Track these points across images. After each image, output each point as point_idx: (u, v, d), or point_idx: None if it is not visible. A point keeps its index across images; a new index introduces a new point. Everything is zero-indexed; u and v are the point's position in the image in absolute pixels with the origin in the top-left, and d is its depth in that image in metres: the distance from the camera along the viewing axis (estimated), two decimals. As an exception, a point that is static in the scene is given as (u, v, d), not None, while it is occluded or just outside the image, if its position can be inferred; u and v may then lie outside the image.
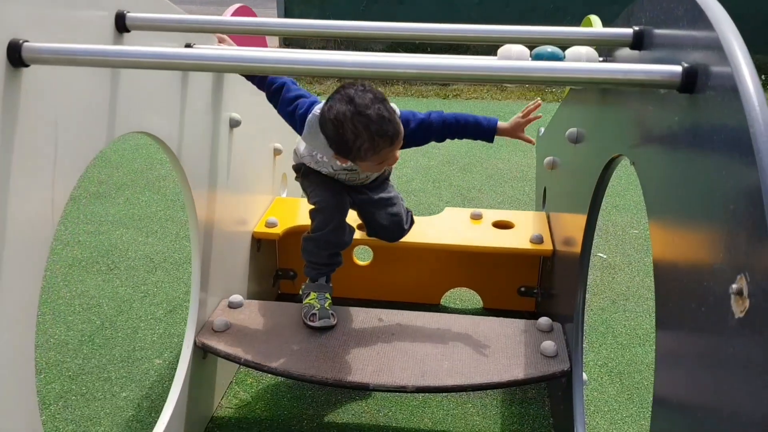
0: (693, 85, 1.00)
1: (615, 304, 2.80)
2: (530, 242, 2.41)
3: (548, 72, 1.05)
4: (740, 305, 0.78)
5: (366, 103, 1.71)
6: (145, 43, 1.49)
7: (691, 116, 1.02)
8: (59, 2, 1.23)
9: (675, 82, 1.00)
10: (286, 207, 2.70)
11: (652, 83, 1.02)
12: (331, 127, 1.75)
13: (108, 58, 1.15)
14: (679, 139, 1.05)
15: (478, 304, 2.77)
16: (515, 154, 4.69)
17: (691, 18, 1.09)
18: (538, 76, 1.05)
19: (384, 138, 1.73)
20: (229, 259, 2.27)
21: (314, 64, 1.18)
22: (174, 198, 3.84)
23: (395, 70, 1.12)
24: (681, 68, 1.01)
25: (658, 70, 1.01)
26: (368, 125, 1.71)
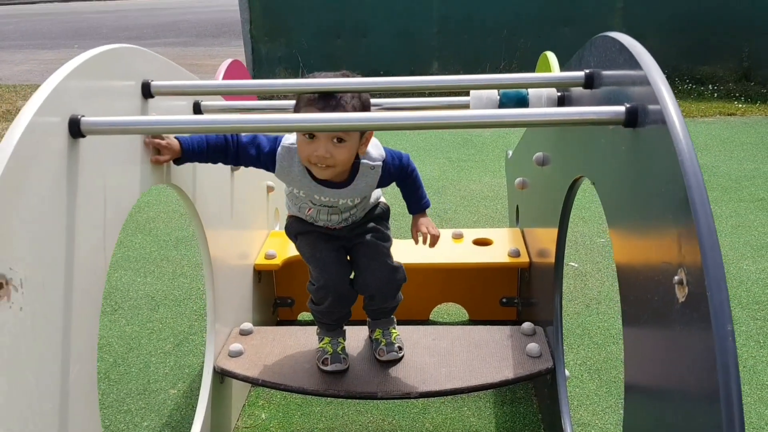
0: (635, 121, 1.25)
1: (589, 308, 3.06)
2: (509, 256, 2.65)
3: (518, 118, 1.29)
4: (681, 293, 1.02)
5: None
6: (165, 105, 1.71)
7: (635, 145, 1.27)
8: (102, 77, 1.45)
9: (620, 119, 1.25)
10: (281, 239, 2.90)
11: (602, 121, 1.27)
12: None
13: (149, 127, 1.37)
14: (627, 163, 1.31)
15: (464, 316, 3.00)
16: (485, 175, 4.97)
17: (629, 64, 1.35)
18: (511, 121, 1.29)
19: (319, 98, 1.65)
20: (237, 290, 2.46)
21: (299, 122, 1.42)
22: (165, 238, 4.01)
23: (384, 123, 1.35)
24: (624, 108, 1.26)
25: (606, 110, 1.26)
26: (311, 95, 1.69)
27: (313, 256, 2.04)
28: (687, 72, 7.80)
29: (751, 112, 6.64)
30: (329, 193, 1.92)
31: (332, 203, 1.96)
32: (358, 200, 1.98)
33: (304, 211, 2.04)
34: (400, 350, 2.12)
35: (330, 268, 2.01)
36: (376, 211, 2.10)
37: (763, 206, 4.19)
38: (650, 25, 7.82)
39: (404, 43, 8.07)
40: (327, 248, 2.04)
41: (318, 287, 2.04)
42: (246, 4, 8.10)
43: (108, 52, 1.48)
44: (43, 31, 15.76)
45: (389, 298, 2.13)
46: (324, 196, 1.93)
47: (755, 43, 7.68)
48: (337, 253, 2.04)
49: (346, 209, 2.00)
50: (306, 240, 2.08)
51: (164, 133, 1.50)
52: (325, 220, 2.03)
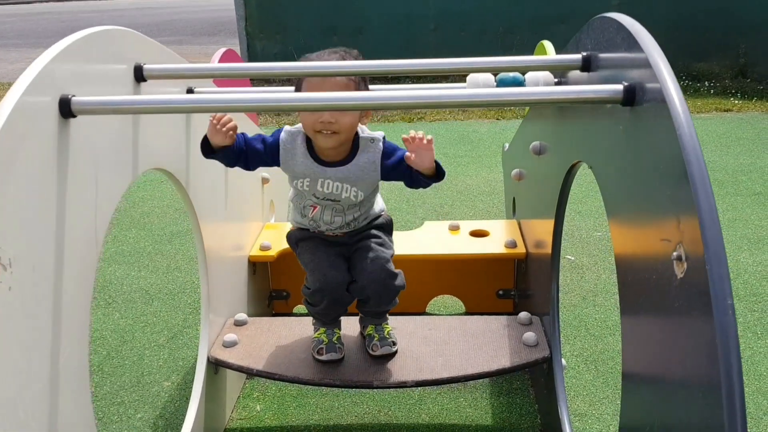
0: (633, 100, 1.23)
1: (585, 300, 3.04)
2: (505, 247, 2.64)
3: (515, 96, 1.28)
4: (680, 268, 1.00)
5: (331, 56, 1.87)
6: (157, 90, 1.69)
7: (633, 124, 1.25)
8: (93, 59, 1.43)
9: (618, 98, 1.24)
10: (276, 231, 2.89)
11: (599, 100, 1.26)
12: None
13: (141, 106, 1.35)
14: (626, 144, 1.29)
15: (461, 309, 2.98)
16: (482, 170, 4.96)
17: (627, 44, 1.33)
18: (508, 100, 1.28)
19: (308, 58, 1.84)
20: (231, 282, 2.44)
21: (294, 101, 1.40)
22: (159, 233, 3.99)
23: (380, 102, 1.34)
24: (622, 86, 1.24)
25: (604, 89, 1.25)
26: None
27: (312, 261, 2.02)
28: (683, 69, 7.80)
29: (747, 108, 6.64)
30: (332, 174, 1.90)
31: (335, 196, 1.94)
32: (361, 195, 1.95)
33: (308, 213, 2.01)
34: (394, 345, 2.09)
35: (326, 271, 1.99)
36: (378, 221, 2.08)
37: (759, 200, 4.19)
38: (646, 22, 7.52)
39: (401, 40, 8.06)
40: (327, 252, 2.03)
41: (313, 290, 2.01)
42: (241, 1, 8.08)
43: (100, 33, 1.46)
44: (38, 30, 15.71)
45: (384, 303, 2.08)
46: (327, 180, 1.91)
47: (751, 40, 7.69)
48: (335, 257, 2.02)
49: (349, 207, 1.98)
50: (306, 245, 2.07)
51: (156, 112, 1.47)
52: (329, 223, 2.01)
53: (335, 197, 1.95)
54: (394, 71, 1.61)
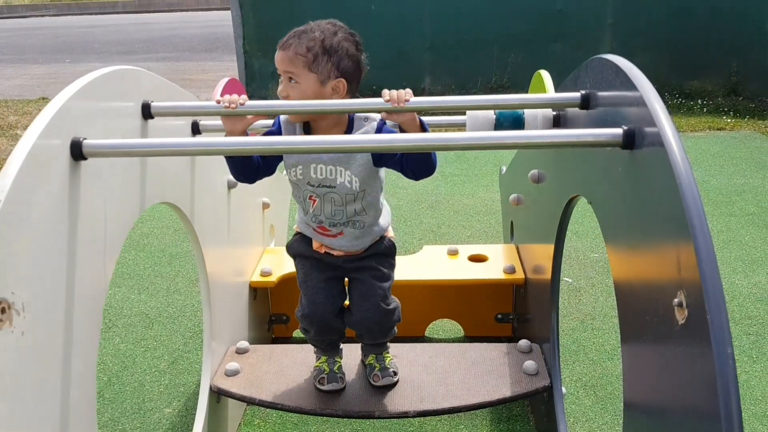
0: (632, 143, 1.27)
1: (583, 324, 3.07)
2: (504, 273, 2.66)
3: (516, 140, 1.31)
4: (681, 315, 1.03)
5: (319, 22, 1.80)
6: (165, 126, 1.72)
7: (633, 167, 1.29)
8: (104, 99, 1.46)
9: (618, 141, 1.27)
10: (276, 256, 2.91)
11: (599, 143, 1.29)
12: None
13: (151, 149, 1.38)
14: (625, 184, 1.32)
15: (460, 333, 3.00)
16: (479, 189, 4.99)
17: (625, 87, 1.37)
18: (509, 143, 1.31)
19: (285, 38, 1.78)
20: (233, 308, 2.46)
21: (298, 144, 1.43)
22: (159, 254, 4.00)
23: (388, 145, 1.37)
24: (621, 130, 1.28)
25: (604, 133, 1.28)
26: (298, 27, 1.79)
27: (304, 283, 2.04)
28: (676, 87, 7.88)
29: (740, 127, 6.71)
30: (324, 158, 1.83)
31: (330, 181, 1.86)
32: (357, 182, 1.85)
33: (309, 208, 1.93)
34: (395, 375, 2.11)
35: (316, 299, 2.00)
36: (380, 247, 2.03)
37: (753, 221, 4.23)
38: (640, 40, 7.90)
39: (396, 58, 8.12)
40: (319, 278, 2.02)
41: (303, 315, 2.03)
42: (239, 20, 8.14)
43: (110, 73, 1.49)
44: (35, 45, 15.74)
45: (380, 337, 2.10)
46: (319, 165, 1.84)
47: (743, 59, 7.78)
48: (327, 284, 2.02)
49: (348, 199, 1.88)
50: (301, 264, 2.07)
51: (165, 155, 1.50)
52: (330, 217, 1.91)
53: (330, 183, 1.86)
54: (393, 109, 1.63)
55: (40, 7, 26.37)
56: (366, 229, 1.98)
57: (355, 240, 1.99)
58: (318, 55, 1.74)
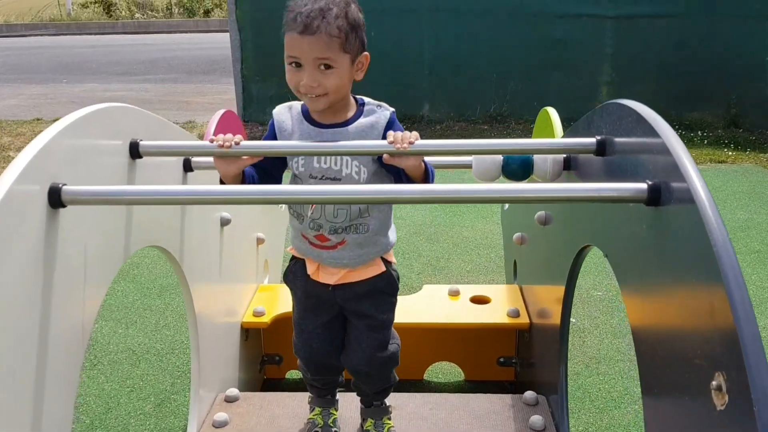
0: (658, 200, 1.17)
1: (588, 368, 2.95)
2: (508, 316, 2.55)
3: (532, 193, 1.21)
4: (720, 399, 0.92)
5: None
6: (154, 164, 1.62)
7: (658, 224, 1.19)
8: (88, 138, 1.36)
9: (642, 197, 1.18)
10: (270, 294, 2.79)
11: (622, 199, 1.19)
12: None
13: (136, 197, 1.27)
14: (649, 241, 1.22)
15: (460, 376, 2.88)
16: (478, 221, 4.90)
17: (648, 136, 1.27)
18: (526, 197, 1.21)
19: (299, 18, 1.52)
20: (223, 351, 2.34)
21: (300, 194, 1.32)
22: (149, 286, 3.88)
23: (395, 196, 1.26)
24: (646, 185, 1.18)
25: (626, 188, 1.18)
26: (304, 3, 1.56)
27: (299, 325, 1.92)
28: (676, 118, 7.84)
29: (741, 160, 6.66)
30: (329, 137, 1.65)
31: (335, 173, 1.67)
32: (365, 174, 1.67)
33: (307, 212, 1.73)
34: None
35: (312, 344, 1.90)
36: (380, 283, 1.84)
37: (759, 258, 4.14)
38: (639, 71, 7.89)
39: (395, 84, 8.07)
40: (315, 324, 1.90)
41: (298, 353, 1.95)
42: (238, 44, 8.09)
43: (97, 112, 1.39)
44: (32, 64, 15.69)
45: (377, 383, 1.98)
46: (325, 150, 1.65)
47: (743, 90, 7.76)
48: (323, 329, 1.90)
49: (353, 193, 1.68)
50: (297, 302, 1.93)
51: (151, 204, 1.39)
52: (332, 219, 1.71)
53: (335, 174, 1.67)
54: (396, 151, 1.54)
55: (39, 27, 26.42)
56: (370, 236, 1.76)
57: (358, 249, 1.76)
58: (348, 32, 1.55)
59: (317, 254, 1.78)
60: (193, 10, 29.00)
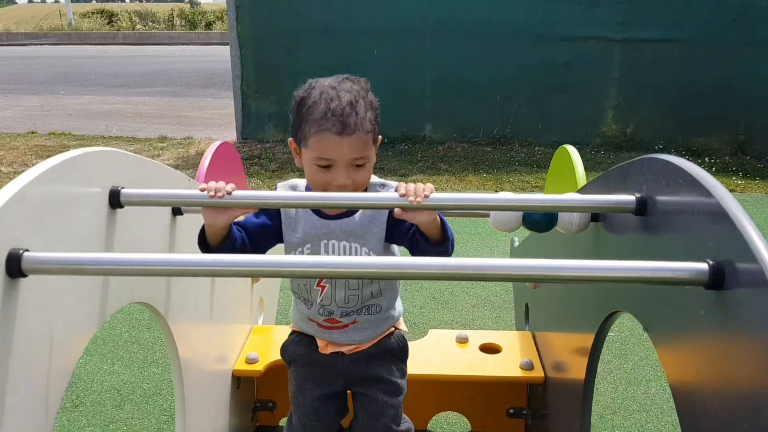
0: (721, 282, 1.00)
1: (603, 419, 2.77)
2: (521, 369, 2.37)
3: (573, 272, 1.04)
4: None
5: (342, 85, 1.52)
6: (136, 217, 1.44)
7: (720, 311, 1.01)
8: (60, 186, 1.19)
9: (702, 279, 1.00)
10: (264, 338, 2.61)
11: (678, 281, 1.02)
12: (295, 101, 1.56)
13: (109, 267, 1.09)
14: (707, 329, 1.05)
15: (466, 427, 2.69)
16: (483, 250, 4.73)
17: (702, 201, 1.10)
18: (562, 276, 1.04)
19: (333, 117, 1.43)
20: (211, 401, 2.16)
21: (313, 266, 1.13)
22: (138, 317, 3.69)
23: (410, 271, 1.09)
24: (707, 265, 1.01)
25: (683, 268, 1.01)
26: (329, 98, 1.48)
27: (296, 399, 1.73)
28: (683, 144, 7.71)
29: (750, 189, 6.51)
30: (337, 228, 1.58)
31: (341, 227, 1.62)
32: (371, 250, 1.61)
33: (315, 298, 1.65)
34: None
35: (308, 422, 1.69)
36: (390, 344, 1.74)
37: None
38: (646, 96, 7.76)
39: (397, 104, 7.93)
40: (314, 396, 1.72)
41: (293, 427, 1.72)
42: (238, 60, 7.95)
43: (70, 161, 1.22)
44: (30, 75, 15.57)
45: None
46: (331, 241, 1.59)
47: (751, 117, 7.63)
48: (323, 403, 1.71)
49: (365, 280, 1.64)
50: (297, 373, 1.76)
51: (130, 275, 1.20)
52: (343, 305, 1.65)
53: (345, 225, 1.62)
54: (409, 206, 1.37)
55: (39, 36, 26.37)
56: (382, 314, 1.71)
57: (371, 328, 1.71)
58: (375, 124, 1.53)
59: (328, 335, 1.71)
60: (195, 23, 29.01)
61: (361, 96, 1.51)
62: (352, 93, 1.50)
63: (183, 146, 7.91)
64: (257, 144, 8.00)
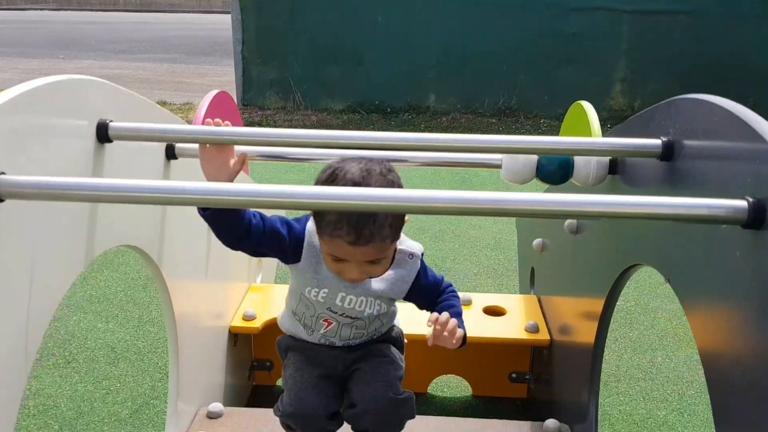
0: (761, 221, 0.91)
1: (607, 386, 2.71)
2: (526, 331, 2.30)
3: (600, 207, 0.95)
4: None
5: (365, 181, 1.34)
6: (128, 151, 1.35)
7: (758, 252, 0.93)
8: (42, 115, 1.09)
9: (740, 218, 0.92)
10: (263, 295, 2.54)
11: (713, 219, 0.93)
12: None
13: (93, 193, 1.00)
14: (742, 273, 0.97)
15: (467, 391, 2.64)
16: (487, 220, 4.63)
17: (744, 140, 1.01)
18: (589, 211, 0.96)
19: (347, 227, 1.31)
20: (207, 358, 2.09)
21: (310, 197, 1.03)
22: (135, 276, 3.62)
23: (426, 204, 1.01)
24: (747, 203, 0.92)
25: (722, 204, 0.93)
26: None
27: (292, 378, 1.61)
28: (690, 119, 7.59)
29: (758, 165, 6.41)
30: (357, 288, 1.52)
31: (356, 313, 1.57)
32: (384, 309, 1.59)
33: (319, 328, 1.61)
34: None
35: (303, 395, 1.57)
36: (388, 333, 1.70)
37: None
38: (654, 68, 7.62)
39: (401, 73, 7.79)
40: (311, 374, 1.61)
41: (284, 414, 1.60)
42: (239, 25, 7.79)
43: (55, 85, 1.13)
44: (30, 39, 15.36)
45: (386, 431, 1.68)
46: (349, 296, 1.53)
47: (761, 91, 7.49)
48: (320, 381, 1.61)
49: (370, 321, 1.60)
50: (293, 358, 1.66)
51: (118, 201, 1.10)
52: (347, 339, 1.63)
53: (356, 315, 1.57)
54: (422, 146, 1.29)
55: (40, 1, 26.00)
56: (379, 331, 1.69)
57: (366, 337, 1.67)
58: (394, 226, 1.37)
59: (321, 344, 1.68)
60: (197, -10, 28.52)
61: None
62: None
63: (182, 111, 7.79)
64: (258, 111, 7.87)
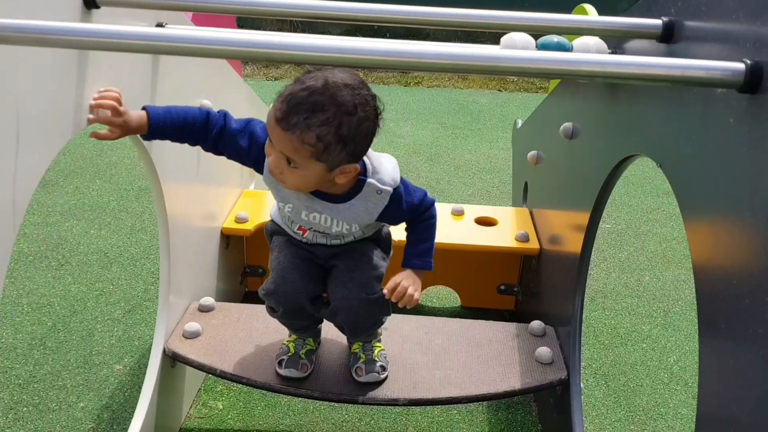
0: (757, 86, 0.90)
1: (594, 302, 2.75)
2: (516, 240, 2.32)
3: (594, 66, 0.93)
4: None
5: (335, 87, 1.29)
6: (115, 21, 1.32)
7: (752, 118, 0.92)
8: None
9: (736, 81, 0.90)
10: (255, 200, 2.54)
11: (709, 81, 0.92)
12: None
13: (82, 39, 0.98)
14: (734, 141, 0.96)
15: (456, 302, 2.67)
16: (482, 144, 4.61)
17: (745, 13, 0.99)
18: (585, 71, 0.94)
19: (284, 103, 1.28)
20: (198, 257, 2.10)
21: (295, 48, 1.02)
22: (127, 187, 3.61)
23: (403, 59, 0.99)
24: (743, 65, 0.91)
25: (718, 66, 0.91)
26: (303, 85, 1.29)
27: (276, 260, 1.62)
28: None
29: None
30: (320, 207, 1.50)
31: (324, 228, 1.55)
32: (356, 228, 1.56)
33: (298, 233, 1.62)
34: (383, 370, 1.70)
35: (287, 274, 1.59)
36: (374, 234, 1.66)
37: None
38: None
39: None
40: (295, 254, 1.62)
41: (267, 293, 1.62)
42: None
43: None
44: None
45: (360, 332, 1.71)
46: (313, 213, 1.51)
47: None
48: (304, 263, 1.61)
49: (343, 236, 1.60)
50: (277, 240, 1.67)
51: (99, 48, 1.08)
52: (325, 244, 1.62)
53: (324, 230, 1.56)
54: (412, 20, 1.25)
55: None
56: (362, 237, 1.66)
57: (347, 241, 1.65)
58: (330, 144, 1.30)
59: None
60: None
61: (338, 107, 1.28)
62: (330, 98, 1.28)
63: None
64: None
